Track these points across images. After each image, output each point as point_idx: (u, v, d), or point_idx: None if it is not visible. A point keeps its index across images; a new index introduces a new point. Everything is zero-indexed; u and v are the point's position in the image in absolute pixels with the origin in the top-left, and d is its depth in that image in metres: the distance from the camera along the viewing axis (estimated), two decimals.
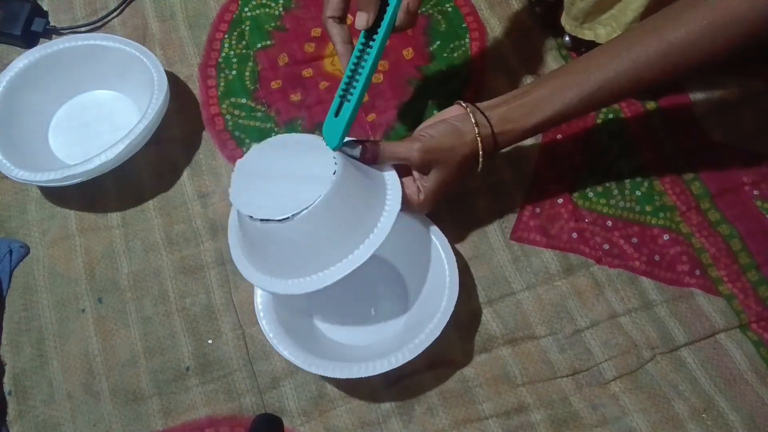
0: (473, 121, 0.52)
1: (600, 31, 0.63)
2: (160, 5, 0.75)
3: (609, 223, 0.64)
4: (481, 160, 0.54)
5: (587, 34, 0.65)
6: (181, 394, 0.58)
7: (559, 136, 0.68)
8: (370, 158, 0.52)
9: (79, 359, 0.59)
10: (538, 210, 0.65)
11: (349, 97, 0.51)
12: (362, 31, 0.51)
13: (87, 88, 0.70)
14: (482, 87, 0.70)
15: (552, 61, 0.72)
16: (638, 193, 0.66)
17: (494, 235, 0.64)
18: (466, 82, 0.71)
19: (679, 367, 0.59)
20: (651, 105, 0.69)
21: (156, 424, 0.57)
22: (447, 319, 0.53)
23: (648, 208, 0.65)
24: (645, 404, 0.58)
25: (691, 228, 0.64)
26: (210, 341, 0.60)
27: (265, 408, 0.58)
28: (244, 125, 0.69)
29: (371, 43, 0.51)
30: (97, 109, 0.70)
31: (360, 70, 0.51)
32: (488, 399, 0.58)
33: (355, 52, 0.51)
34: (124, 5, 0.75)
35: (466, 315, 0.60)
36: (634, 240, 0.64)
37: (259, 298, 0.56)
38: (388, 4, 0.50)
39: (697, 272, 0.62)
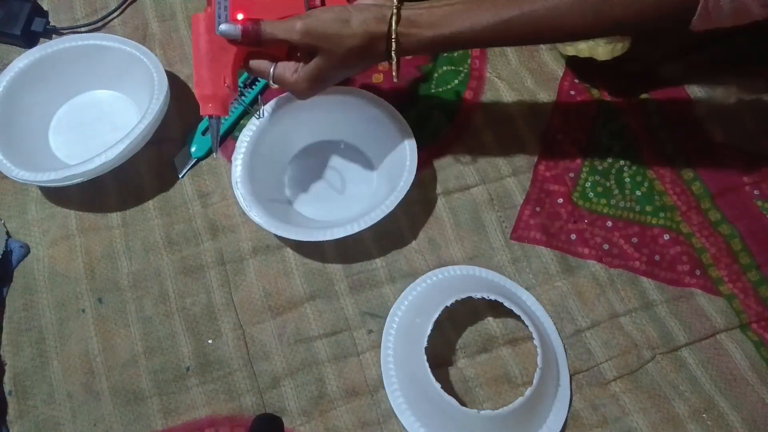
0: (372, 15, 0.50)
1: (581, 46, 0.63)
2: (161, 5, 0.75)
3: (609, 223, 0.64)
4: (385, 54, 0.51)
5: (569, 50, 0.66)
6: (181, 394, 0.58)
7: (559, 136, 0.68)
8: (253, 38, 0.51)
9: (79, 359, 0.59)
10: (538, 209, 0.65)
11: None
12: (240, 79, 0.66)
13: (87, 88, 0.70)
14: (482, 86, 0.70)
15: (552, 60, 0.72)
16: (638, 193, 0.66)
17: (494, 235, 0.64)
18: (466, 81, 0.71)
19: (679, 367, 0.59)
20: (651, 105, 0.69)
21: (156, 424, 0.57)
22: (402, 196, 0.59)
23: (648, 208, 0.65)
24: (645, 404, 0.58)
25: (691, 228, 0.64)
26: (210, 341, 0.60)
27: (265, 408, 0.58)
28: (244, 125, 0.69)
29: (246, 92, 0.68)
30: (98, 109, 0.69)
31: (232, 109, 0.66)
32: (488, 399, 0.58)
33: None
34: (125, 5, 0.75)
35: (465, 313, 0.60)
36: (635, 240, 0.64)
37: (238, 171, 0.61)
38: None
39: (698, 272, 0.62)
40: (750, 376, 0.58)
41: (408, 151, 0.61)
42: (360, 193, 0.66)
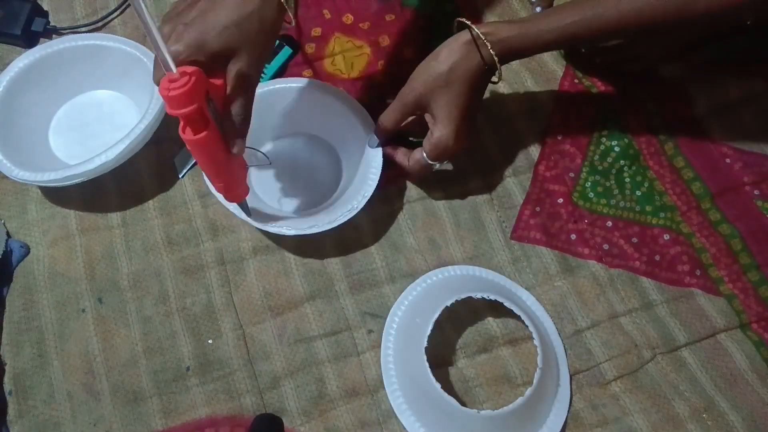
0: (452, 41, 0.55)
1: None
2: (161, 5, 0.75)
3: (609, 223, 0.64)
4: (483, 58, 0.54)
5: None
6: (181, 394, 0.58)
7: (559, 137, 0.68)
8: (382, 136, 0.60)
9: (79, 359, 0.59)
10: (538, 209, 0.65)
11: None
12: None
13: (87, 88, 0.70)
14: None
15: (552, 61, 0.72)
16: (638, 193, 0.66)
17: (494, 235, 0.64)
18: None
19: (679, 367, 0.59)
20: (651, 105, 0.69)
21: (156, 424, 0.57)
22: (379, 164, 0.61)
23: (648, 208, 0.65)
24: (645, 404, 0.58)
25: (691, 228, 0.64)
26: (210, 341, 0.60)
27: (265, 408, 0.58)
28: None
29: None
30: (98, 109, 0.69)
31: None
32: (488, 399, 0.58)
33: None
34: (125, 5, 0.75)
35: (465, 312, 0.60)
36: (635, 240, 0.64)
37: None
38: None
39: (698, 272, 0.62)
40: (750, 376, 0.58)
41: (360, 125, 0.62)
42: (331, 182, 0.66)
